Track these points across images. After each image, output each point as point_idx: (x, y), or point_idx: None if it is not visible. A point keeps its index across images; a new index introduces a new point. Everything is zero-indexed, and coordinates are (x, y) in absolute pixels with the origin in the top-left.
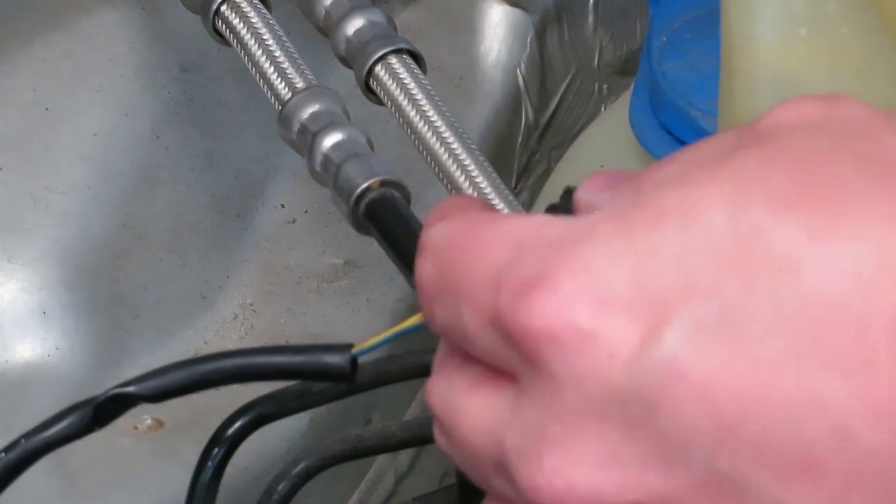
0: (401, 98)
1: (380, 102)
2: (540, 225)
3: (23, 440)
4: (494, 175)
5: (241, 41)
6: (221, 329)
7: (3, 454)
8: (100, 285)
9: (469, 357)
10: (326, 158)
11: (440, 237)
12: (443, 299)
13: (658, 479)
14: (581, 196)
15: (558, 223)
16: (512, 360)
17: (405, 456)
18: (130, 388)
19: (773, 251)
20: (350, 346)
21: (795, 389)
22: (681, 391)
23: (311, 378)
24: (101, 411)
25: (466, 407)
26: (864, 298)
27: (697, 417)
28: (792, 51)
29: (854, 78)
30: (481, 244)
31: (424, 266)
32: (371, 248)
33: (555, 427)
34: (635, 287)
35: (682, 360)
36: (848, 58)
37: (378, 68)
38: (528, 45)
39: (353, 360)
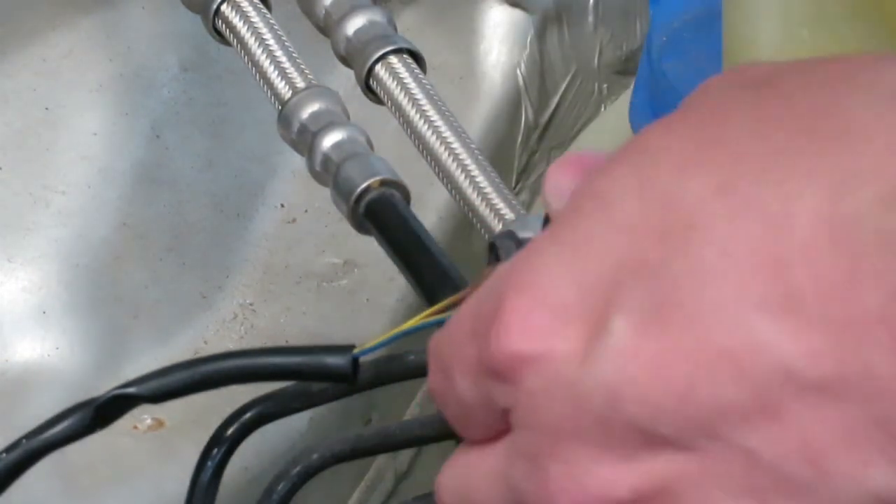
0: (401, 98)
1: (380, 102)
2: (496, 270)
3: (24, 440)
4: (494, 175)
5: (241, 41)
6: (221, 329)
7: (4, 454)
8: (100, 285)
9: (469, 444)
10: (326, 158)
11: (436, 342)
12: (443, 385)
13: (653, 462)
14: (550, 187)
15: (512, 258)
16: (504, 397)
17: (405, 456)
18: (132, 389)
19: (683, 212)
20: (351, 347)
21: (734, 341)
22: (634, 375)
23: (313, 379)
24: (102, 412)
25: (477, 476)
26: (777, 239)
27: (657, 393)
28: (793, 51)
29: None
30: (456, 318)
31: (431, 372)
32: (371, 248)
33: (546, 440)
34: (576, 288)
35: (628, 345)
36: None
37: (378, 68)
38: (528, 45)
39: (355, 360)
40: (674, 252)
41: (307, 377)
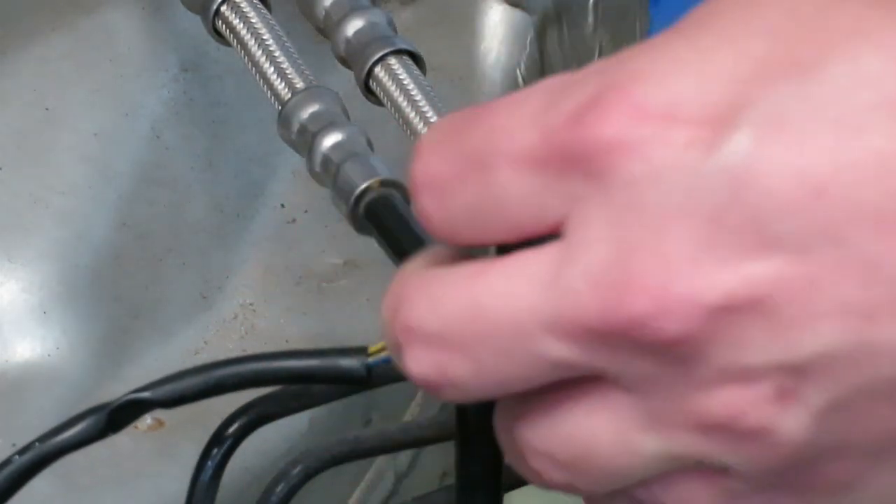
0: (400, 99)
1: (379, 103)
2: (573, 75)
3: (37, 443)
4: None
5: (241, 41)
6: (221, 329)
7: (16, 457)
8: (100, 285)
9: (459, 260)
10: (326, 158)
11: (434, 132)
12: (466, 171)
13: (759, 266)
14: None
15: (597, 63)
16: (568, 197)
17: (405, 456)
18: (146, 394)
19: (844, 19)
20: (365, 349)
21: (885, 143)
22: (769, 163)
23: (327, 382)
24: (115, 416)
25: (486, 286)
26: None
27: (789, 186)
28: None
29: None
30: (501, 104)
31: (429, 156)
32: (371, 248)
33: (638, 233)
34: (703, 82)
35: (766, 135)
36: None
37: (378, 69)
38: (528, 45)
39: (369, 364)
40: (832, 54)
41: (321, 380)
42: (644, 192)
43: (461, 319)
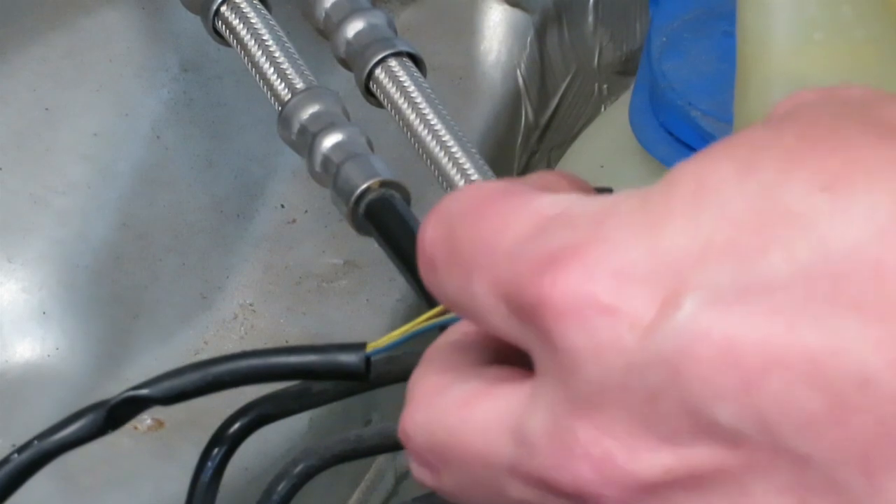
0: (400, 101)
1: (380, 105)
2: (566, 202)
3: (36, 441)
4: (493, 178)
5: (241, 41)
6: (221, 329)
7: (16, 455)
8: (100, 285)
9: (464, 372)
10: (326, 159)
11: (456, 204)
12: (452, 267)
13: (694, 450)
14: None
15: (583, 202)
16: (526, 337)
17: (405, 456)
18: (144, 391)
19: (785, 206)
20: (363, 344)
21: (816, 340)
22: (702, 352)
23: (326, 377)
24: (114, 413)
25: (469, 417)
26: (881, 245)
27: (721, 376)
28: (807, 54)
29: (869, 82)
30: (502, 215)
31: (435, 230)
32: (371, 248)
33: (582, 402)
34: (654, 257)
35: (701, 322)
36: (863, 62)
37: (378, 71)
38: (528, 45)
39: (368, 359)
40: (770, 241)
41: (320, 376)
42: (587, 364)
43: (445, 444)
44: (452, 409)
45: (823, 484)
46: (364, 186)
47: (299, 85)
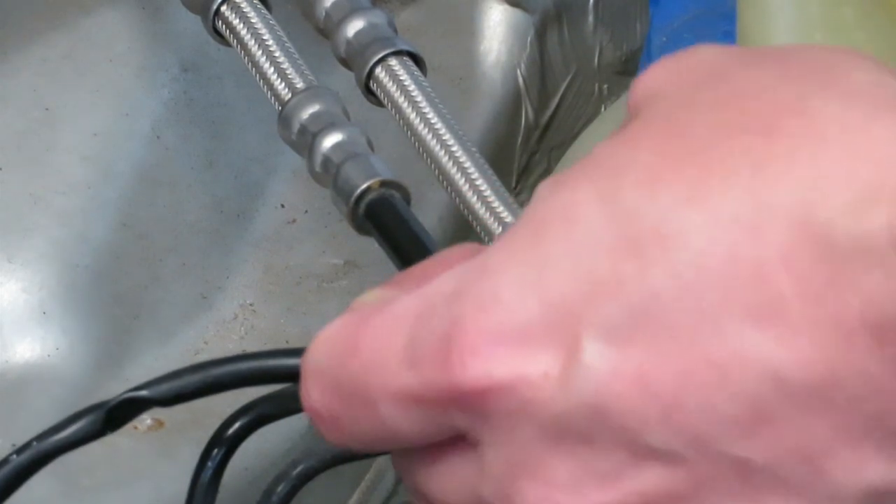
0: (401, 100)
1: (380, 104)
2: (433, 286)
3: (35, 442)
4: (494, 177)
5: (241, 41)
6: (221, 329)
7: (14, 456)
8: (100, 285)
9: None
10: (326, 159)
11: (319, 356)
12: (354, 409)
13: (639, 479)
14: None
15: (449, 276)
16: (453, 422)
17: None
18: (143, 392)
19: (653, 226)
20: None
21: (720, 350)
22: (617, 389)
23: None
24: (113, 414)
25: (437, 480)
26: (754, 245)
27: (641, 406)
28: None
29: None
30: (372, 334)
31: (312, 392)
32: (371, 248)
33: (523, 462)
34: (543, 308)
35: (607, 361)
36: None
37: (378, 70)
38: (528, 45)
39: None
40: (648, 264)
41: None
42: (516, 428)
43: (423, 495)
44: (422, 472)
45: (770, 481)
46: (364, 186)
47: (299, 85)
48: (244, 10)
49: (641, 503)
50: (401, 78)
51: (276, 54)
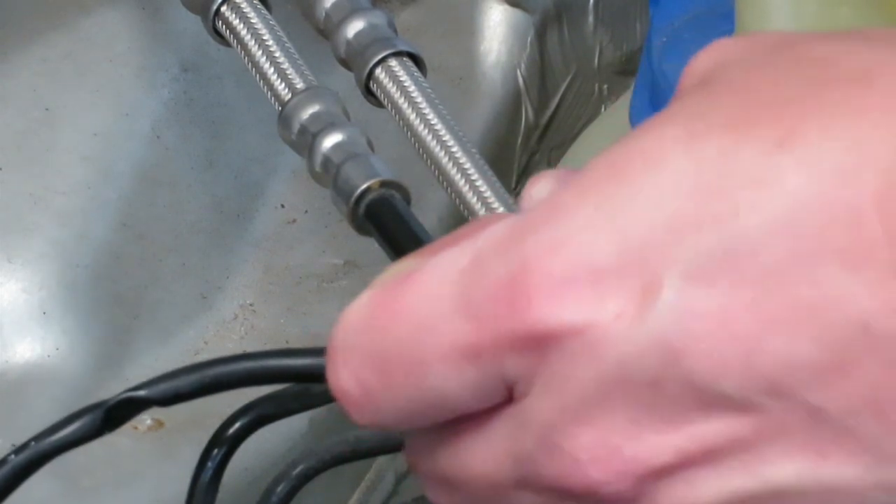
0: (401, 101)
1: (380, 105)
2: (480, 239)
3: (33, 443)
4: (494, 178)
5: (241, 41)
6: (221, 329)
7: (12, 456)
8: (100, 285)
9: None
10: (326, 159)
11: (348, 331)
12: (390, 381)
13: (703, 426)
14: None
15: (500, 226)
16: (507, 374)
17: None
18: (142, 392)
19: (744, 169)
20: None
21: (810, 293)
22: (698, 331)
23: (322, 380)
24: (111, 414)
25: (467, 452)
26: (849, 191)
27: (721, 351)
28: None
29: None
30: (414, 295)
31: (341, 370)
32: (371, 248)
33: (577, 408)
34: (621, 247)
35: (688, 300)
36: None
37: (378, 71)
38: (528, 45)
39: None
40: (738, 206)
41: (316, 379)
42: (582, 366)
43: (452, 476)
44: (446, 449)
45: (838, 433)
46: (364, 186)
47: (299, 85)
48: (244, 10)
49: (701, 450)
50: (401, 79)
51: (276, 54)
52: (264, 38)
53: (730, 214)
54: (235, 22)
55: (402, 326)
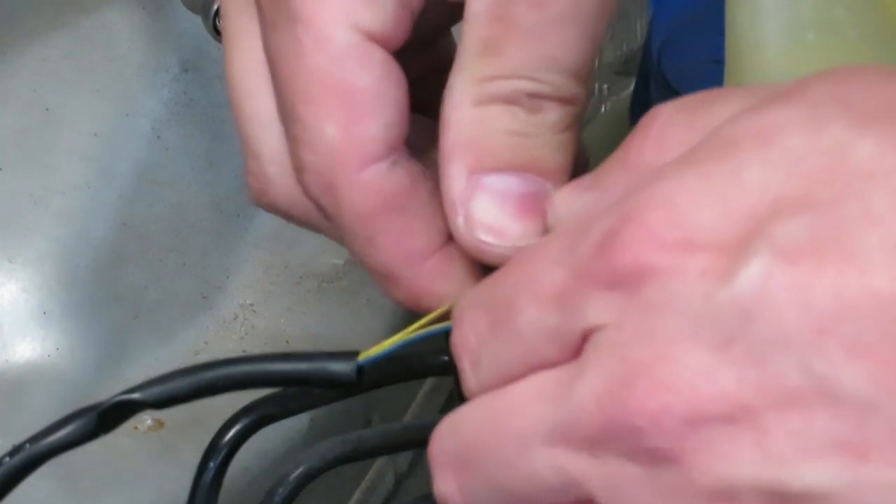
0: None
1: None
2: (592, 205)
3: (27, 445)
4: None
5: None
6: (221, 329)
7: (7, 458)
8: (100, 285)
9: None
10: None
11: (479, 288)
12: (492, 327)
13: (753, 388)
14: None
15: (611, 191)
16: (602, 310)
17: (405, 456)
18: (136, 395)
19: (859, 162)
20: (356, 353)
21: (886, 286)
22: (777, 298)
23: (317, 385)
24: (105, 417)
25: (520, 388)
26: None
27: (794, 321)
28: (799, 55)
29: None
30: (530, 254)
31: (463, 318)
32: None
33: (653, 347)
34: (720, 213)
35: (776, 273)
36: (856, 63)
37: None
38: None
39: (359, 368)
40: (846, 195)
41: (311, 384)
42: (657, 316)
43: (477, 436)
44: (483, 404)
45: (886, 432)
46: None
47: None
48: None
49: (744, 405)
50: None
51: None
52: None
53: (835, 202)
54: None
55: (510, 278)
